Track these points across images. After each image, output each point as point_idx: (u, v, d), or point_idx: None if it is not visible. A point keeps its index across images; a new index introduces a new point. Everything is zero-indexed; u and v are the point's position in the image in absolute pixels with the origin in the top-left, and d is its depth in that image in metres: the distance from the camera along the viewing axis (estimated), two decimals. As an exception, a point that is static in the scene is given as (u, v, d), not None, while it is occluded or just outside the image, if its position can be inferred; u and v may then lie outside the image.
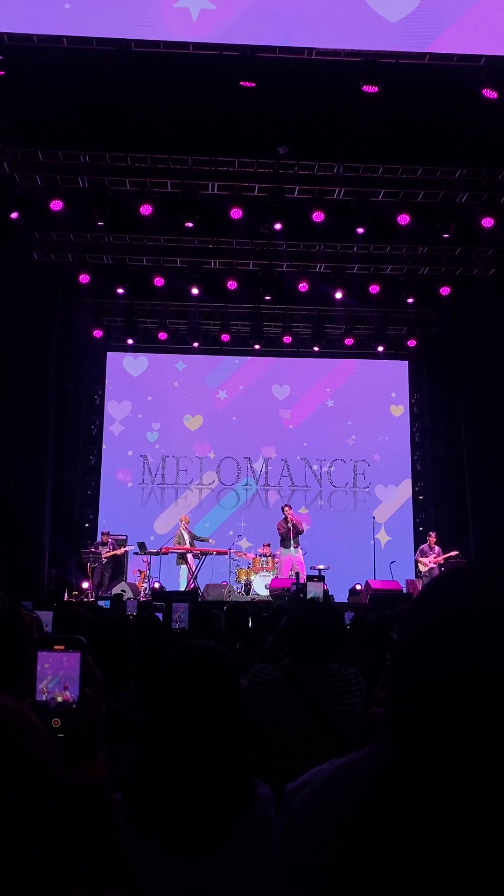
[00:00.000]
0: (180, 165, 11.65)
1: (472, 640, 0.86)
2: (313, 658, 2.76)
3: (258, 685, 2.76)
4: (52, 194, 11.54)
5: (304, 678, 2.71)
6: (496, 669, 0.84)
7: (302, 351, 16.10)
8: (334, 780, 1.02)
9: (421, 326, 15.96)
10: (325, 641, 2.80)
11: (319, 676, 2.72)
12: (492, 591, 0.90)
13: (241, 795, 1.66)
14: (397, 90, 9.38)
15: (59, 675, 1.31)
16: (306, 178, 11.87)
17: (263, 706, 2.71)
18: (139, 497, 15.92)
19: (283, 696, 2.68)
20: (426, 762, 0.87)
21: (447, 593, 0.94)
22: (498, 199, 11.87)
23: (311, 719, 2.64)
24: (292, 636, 2.85)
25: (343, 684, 2.71)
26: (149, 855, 1.53)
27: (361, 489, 16.07)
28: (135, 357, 16.35)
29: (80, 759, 1.28)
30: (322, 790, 1.02)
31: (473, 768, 0.83)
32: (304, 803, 1.04)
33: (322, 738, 2.62)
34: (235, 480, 16.02)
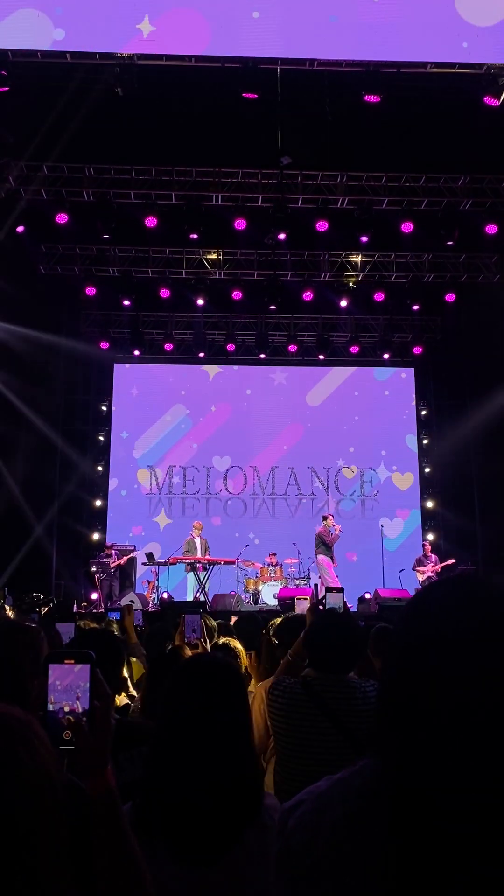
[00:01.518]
0: (184, 177, 11.73)
1: (452, 647, 0.87)
2: (332, 668, 2.76)
3: (276, 697, 2.76)
4: (57, 208, 11.62)
5: (322, 689, 2.71)
6: (469, 676, 0.85)
7: (307, 359, 16.13)
8: (328, 798, 1.02)
9: (426, 333, 15.97)
10: (344, 651, 2.80)
11: (339, 688, 2.71)
12: (474, 602, 0.92)
13: (249, 805, 1.66)
14: (399, 99, 9.43)
15: (69, 688, 1.33)
16: (310, 187, 11.93)
17: (282, 718, 2.71)
18: (147, 507, 15.93)
19: (301, 708, 2.68)
20: (408, 770, 0.88)
21: (431, 604, 0.95)
22: (502, 205, 11.90)
23: (330, 731, 2.63)
24: (311, 645, 2.85)
25: (363, 696, 2.71)
26: (157, 864, 1.53)
27: (369, 497, 16.04)
28: (139, 370, 16.40)
29: (90, 771, 1.29)
30: (317, 808, 1.03)
31: (454, 773, 0.83)
32: (299, 822, 1.04)
33: (341, 750, 2.62)
34: (242, 490, 16.02)
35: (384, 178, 11.77)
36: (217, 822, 1.59)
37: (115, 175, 11.66)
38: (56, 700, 1.33)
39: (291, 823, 1.05)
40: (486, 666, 0.85)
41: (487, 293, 13.90)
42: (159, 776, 1.64)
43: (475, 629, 0.88)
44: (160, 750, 1.69)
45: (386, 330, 15.49)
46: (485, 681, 0.84)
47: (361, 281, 14.10)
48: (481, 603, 0.91)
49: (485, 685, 0.84)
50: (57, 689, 1.33)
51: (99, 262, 13.82)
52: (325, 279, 14.09)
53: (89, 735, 1.30)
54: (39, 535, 13.28)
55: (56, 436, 14.47)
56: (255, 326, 15.61)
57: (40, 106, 9.64)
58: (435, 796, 0.85)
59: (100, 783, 1.29)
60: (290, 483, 16.05)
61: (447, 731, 0.84)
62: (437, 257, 13.63)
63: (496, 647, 0.86)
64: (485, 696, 0.83)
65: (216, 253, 13.67)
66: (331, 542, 12.84)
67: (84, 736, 1.29)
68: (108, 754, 1.32)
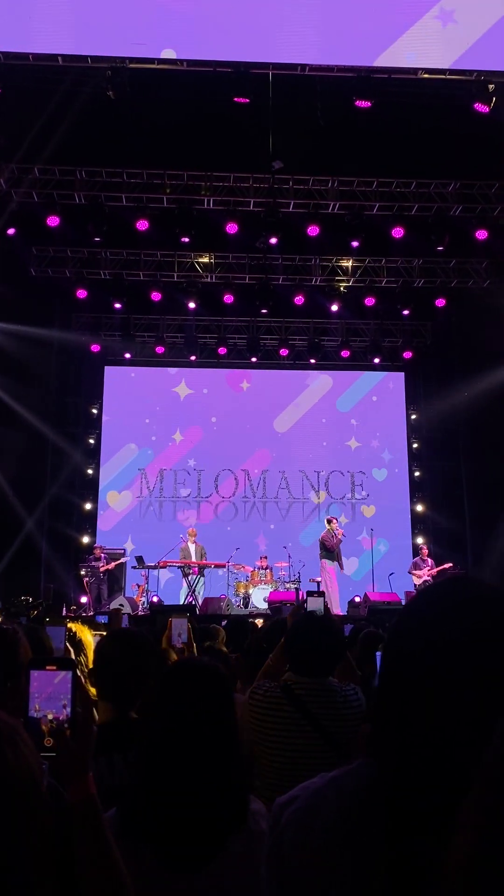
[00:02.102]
0: (176, 181, 11.74)
1: (447, 649, 0.88)
2: (312, 671, 2.76)
3: (257, 701, 2.76)
4: (48, 210, 11.60)
5: (302, 693, 2.71)
6: (465, 678, 0.86)
7: (298, 363, 16.16)
8: (322, 795, 1.03)
9: (417, 338, 16.02)
10: (323, 654, 2.80)
11: (319, 691, 2.72)
12: (468, 604, 0.93)
13: (236, 810, 1.66)
14: (390, 105, 9.47)
15: (51, 695, 1.33)
16: (301, 192, 11.96)
17: (262, 721, 2.71)
18: (137, 511, 15.91)
19: (281, 711, 2.68)
20: (405, 772, 0.88)
21: (426, 606, 0.96)
22: (492, 211, 11.96)
23: (311, 734, 2.63)
24: (291, 649, 2.85)
25: (343, 699, 2.71)
26: (144, 869, 1.53)
27: (360, 501, 16.07)
28: (131, 371, 16.39)
29: (72, 777, 1.29)
30: (311, 805, 1.03)
31: (451, 774, 0.84)
32: (293, 818, 1.05)
33: (321, 753, 2.62)
34: (233, 493, 16.02)
35: (375, 184, 11.81)
36: (203, 827, 1.59)
37: (106, 178, 11.65)
38: (37, 706, 1.33)
39: (284, 819, 1.06)
40: (482, 667, 0.85)
41: (477, 298, 13.97)
42: (146, 781, 1.64)
43: (470, 630, 0.89)
44: (147, 754, 1.69)
45: (376, 334, 15.53)
46: (481, 682, 0.85)
47: (352, 286, 14.14)
48: (476, 604, 0.92)
49: (481, 686, 0.84)
50: (38, 695, 1.33)
51: (90, 265, 13.81)
52: (316, 283, 14.13)
53: (71, 741, 1.30)
54: (29, 537, 13.22)
55: (47, 438, 14.43)
56: (246, 330, 15.63)
57: (32, 108, 9.63)
58: (432, 798, 0.85)
59: (81, 789, 1.29)
60: (282, 487, 16.06)
61: (443, 732, 0.85)
62: (428, 262, 13.69)
63: (492, 647, 0.87)
64: (481, 697, 0.84)
65: (208, 256, 13.69)
66: (332, 547, 12.83)
67: (65, 742, 1.30)
68: (89, 761, 1.32)
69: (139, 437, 16.18)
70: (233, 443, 16.10)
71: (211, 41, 9.42)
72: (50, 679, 1.34)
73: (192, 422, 16.26)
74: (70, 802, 1.29)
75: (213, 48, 9.40)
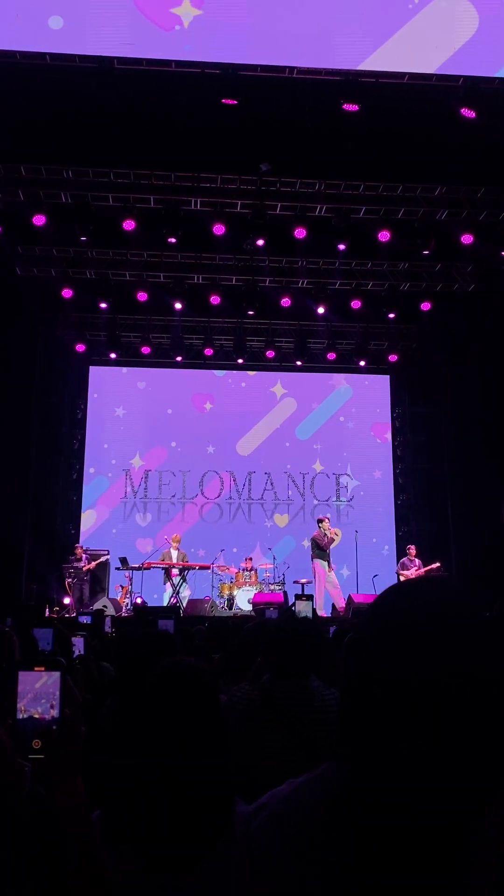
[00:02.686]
0: (163, 181, 11.71)
1: (416, 648, 0.88)
2: (290, 672, 2.74)
3: (234, 703, 2.75)
4: (34, 209, 11.54)
5: (281, 696, 2.69)
6: (433, 678, 0.85)
7: (285, 365, 16.17)
8: (291, 802, 1.03)
9: (402, 341, 16.08)
10: (300, 656, 2.78)
11: (297, 694, 2.70)
12: (437, 603, 0.92)
13: (222, 813, 1.65)
14: (377, 109, 9.51)
15: (39, 696, 1.31)
16: (288, 194, 11.97)
17: (239, 724, 2.69)
18: (122, 512, 15.86)
19: (258, 714, 2.66)
20: (372, 774, 0.88)
21: (394, 606, 0.96)
22: (477, 216, 12.03)
23: (288, 738, 2.62)
24: (267, 651, 2.84)
25: (322, 703, 2.70)
26: (128, 873, 1.52)
27: (344, 503, 16.11)
28: (116, 371, 16.34)
29: (60, 780, 1.27)
30: (279, 812, 1.03)
31: (420, 775, 0.84)
32: (262, 826, 1.05)
33: (297, 757, 2.60)
34: (218, 494, 16.01)
35: (362, 187, 11.85)
36: (189, 831, 1.59)
37: (93, 178, 11.60)
38: (26, 708, 1.31)
39: (254, 827, 1.06)
40: (451, 665, 0.85)
41: (462, 303, 14.05)
42: (131, 783, 1.63)
43: (439, 629, 0.88)
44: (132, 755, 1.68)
45: (362, 337, 15.58)
46: (449, 681, 0.84)
47: (338, 288, 14.18)
48: (445, 604, 0.92)
49: (449, 686, 0.84)
50: (27, 696, 1.32)
51: (76, 265, 13.75)
52: (302, 286, 14.15)
53: (59, 744, 1.29)
54: (12, 537, 13.13)
55: (31, 437, 14.35)
56: (233, 331, 15.62)
57: (19, 108, 9.57)
58: (401, 798, 0.85)
59: (69, 794, 1.27)
60: (267, 488, 16.07)
61: (411, 732, 0.85)
62: (414, 266, 13.75)
63: (461, 646, 0.86)
64: (448, 696, 0.84)
65: (194, 257, 13.66)
66: (325, 546, 12.86)
67: (53, 745, 1.28)
68: (78, 764, 1.30)
69: (124, 437, 16.13)
70: (218, 444, 16.10)
71: (199, 43, 9.41)
72: (38, 680, 1.32)
73: (178, 423, 16.23)
74: (57, 807, 1.28)
75: (202, 50, 9.40)
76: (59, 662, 1.34)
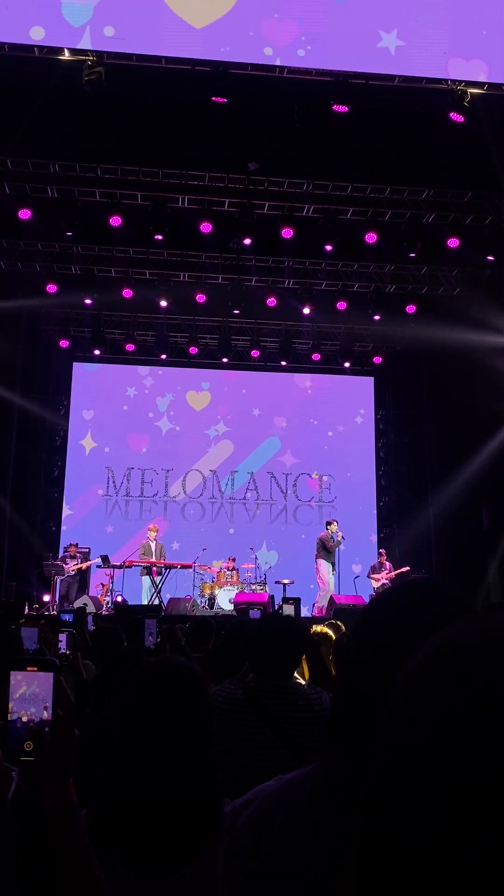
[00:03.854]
0: (150, 178, 11.66)
1: (407, 650, 0.88)
2: (270, 673, 2.74)
3: (218, 703, 2.74)
4: (20, 203, 11.45)
5: (264, 695, 2.69)
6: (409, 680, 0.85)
7: (270, 365, 16.17)
8: (279, 799, 1.03)
9: (387, 343, 16.15)
10: (282, 656, 2.78)
11: (280, 693, 2.70)
12: (428, 604, 0.94)
13: (210, 813, 1.64)
14: (367, 111, 9.53)
15: (31, 697, 1.28)
16: (276, 194, 11.96)
17: (222, 723, 2.68)
18: (103, 509, 15.77)
19: (241, 713, 2.66)
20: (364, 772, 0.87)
21: (386, 608, 0.97)
22: (464, 220, 12.10)
23: (271, 737, 2.62)
24: (249, 651, 2.83)
25: (305, 702, 2.70)
26: (115, 873, 1.50)
27: (326, 503, 16.14)
28: (95, 368, 16.26)
29: (51, 783, 1.24)
30: (266, 808, 1.03)
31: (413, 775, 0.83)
32: (249, 821, 1.04)
33: (280, 756, 2.60)
34: (201, 494, 15.97)
35: (350, 188, 11.87)
36: (176, 830, 1.57)
37: (80, 173, 11.53)
38: (17, 709, 1.28)
39: (241, 821, 1.05)
40: None
41: (447, 306, 14.12)
42: (117, 782, 1.61)
43: (430, 631, 0.88)
44: (119, 755, 1.66)
45: (347, 339, 15.63)
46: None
47: (324, 289, 14.20)
48: (436, 605, 0.93)
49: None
50: (18, 697, 1.28)
51: (61, 260, 13.65)
52: (288, 286, 14.15)
53: (50, 745, 1.25)
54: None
55: (11, 432, 14.23)
56: (218, 330, 15.59)
57: (6, 101, 9.49)
58: (391, 797, 0.84)
59: (60, 797, 1.24)
60: (250, 488, 16.06)
61: (402, 733, 0.84)
62: (400, 268, 13.80)
63: None
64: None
65: (181, 255, 13.62)
66: (332, 548, 12.93)
67: (44, 746, 1.25)
68: (70, 767, 1.27)
69: (106, 434, 16.05)
70: (201, 443, 16.08)
71: (190, 40, 9.38)
72: (31, 680, 1.28)
73: (161, 421, 16.18)
74: (48, 809, 1.25)
75: (193, 47, 9.37)
76: (53, 663, 1.31)
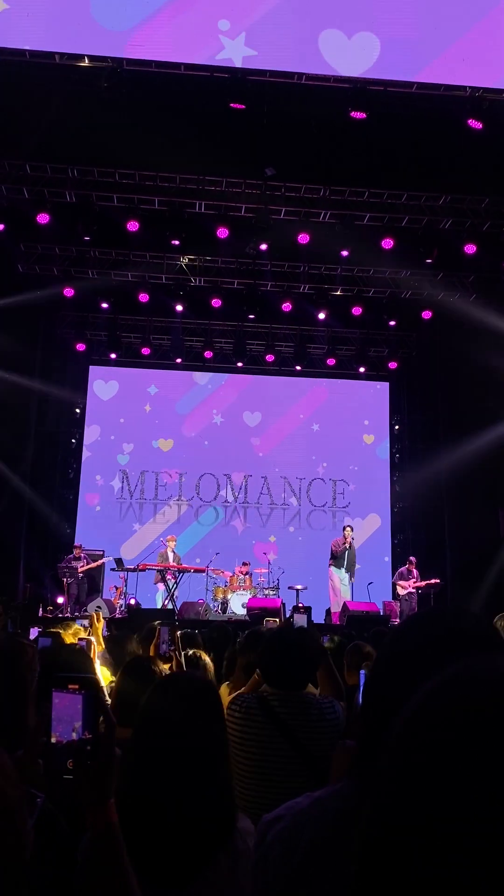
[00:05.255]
0: (168, 183, 11.71)
1: (427, 671, 0.90)
2: (285, 684, 2.76)
3: (233, 711, 2.76)
4: (38, 207, 11.53)
5: (278, 705, 2.70)
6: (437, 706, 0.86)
7: (284, 370, 16.18)
8: (306, 816, 1.04)
9: (402, 349, 16.11)
10: (296, 667, 2.80)
11: (294, 704, 2.71)
12: (448, 640, 0.94)
13: (222, 827, 1.64)
14: (385, 117, 9.53)
15: (73, 715, 1.28)
16: (293, 199, 11.98)
17: (237, 732, 2.70)
18: (117, 512, 15.83)
19: (255, 723, 2.67)
20: (387, 796, 0.89)
21: (413, 632, 0.98)
22: (481, 226, 12.06)
23: (284, 746, 2.63)
24: (264, 662, 2.85)
25: (318, 712, 2.71)
26: None
27: (340, 509, 16.10)
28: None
29: (92, 803, 1.24)
30: (295, 825, 1.04)
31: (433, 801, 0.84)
32: (278, 837, 1.05)
33: (295, 766, 2.61)
34: (214, 498, 15.99)
35: (366, 194, 11.86)
36: (189, 844, 1.57)
37: (98, 177, 11.60)
38: (59, 727, 1.28)
39: (270, 837, 1.06)
40: None
41: (463, 312, 14.06)
42: (130, 795, 1.62)
43: (458, 654, 0.89)
44: (132, 768, 1.67)
45: (362, 344, 15.60)
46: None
47: (340, 294, 14.19)
48: (457, 640, 0.94)
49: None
50: (60, 716, 1.28)
51: (78, 264, 13.74)
52: (304, 291, 14.15)
53: (94, 765, 1.25)
54: (8, 536, 13.09)
55: (28, 436, 14.32)
56: (233, 334, 15.61)
57: (25, 105, 9.57)
58: (392, 817, 0.85)
59: (101, 817, 1.24)
60: (263, 492, 16.06)
61: (408, 757, 0.85)
62: (416, 274, 13.76)
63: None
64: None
65: (197, 260, 13.67)
66: (339, 554, 12.90)
67: (85, 766, 1.24)
68: (111, 786, 1.26)
69: (122, 437, 16.11)
70: (216, 446, 16.09)
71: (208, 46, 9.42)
72: (72, 699, 1.28)
73: (175, 424, 16.22)
74: (89, 831, 1.23)
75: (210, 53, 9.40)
76: (94, 681, 1.31)
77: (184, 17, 9.36)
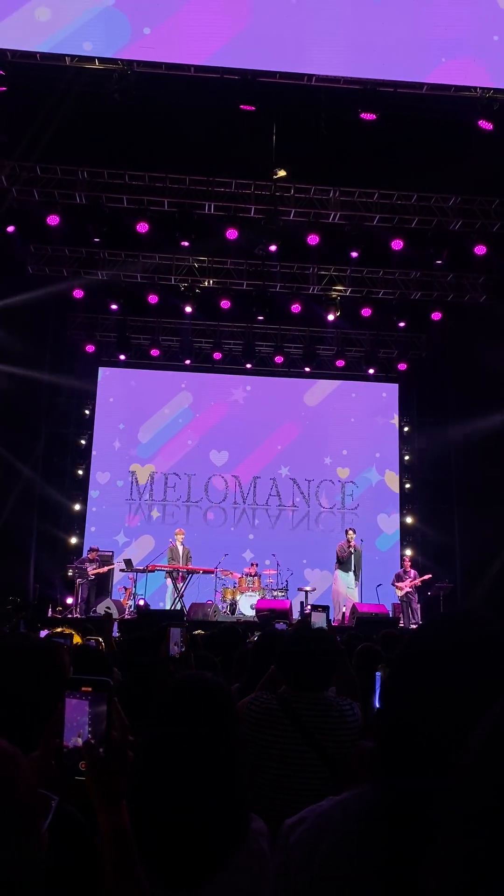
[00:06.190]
0: (177, 185, 11.74)
1: (446, 690, 0.89)
2: (305, 685, 2.75)
3: (251, 712, 2.75)
4: (48, 209, 11.58)
5: (298, 706, 2.69)
6: (469, 721, 0.86)
7: (293, 371, 16.17)
8: (328, 819, 1.04)
9: (411, 350, 16.07)
10: (316, 669, 2.79)
11: (315, 705, 2.71)
12: (469, 645, 0.95)
13: (235, 828, 1.64)
14: (395, 118, 9.52)
15: (86, 717, 1.28)
16: (302, 200, 11.99)
17: (256, 734, 2.69)
18: (126, 512, 15.85)
19: (276, 724, 2.67)
20: (405, 799, 0.89)
21: (432, 636, 0.98)
22: (491, 227, 12.03)
23: (304, 748, 2.62)
24: (285, 664, 2.84)
25: (339, 714, 2.70)
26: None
27: (349, 510, 16.07)
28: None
29: (104, 805, 1.24)
30: (317, 827, 1.05)
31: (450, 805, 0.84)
32: (300, 840, 1.06)
33: (314, 768, 2.60)
34: (223, 499, 15.99)
35: (376, 195, 11.85)
36: (202, 845, 1.57)
37: (108, 179, 11.64)
38: (72, 729, 1.28)
39: (293, 839, 1.07)
40: (483, 707, 0.86)
41: (473, 313, 14.04)
42: (142, 796, 1.61)
43: (471, 672, 0.90)
44: (144, 769, 1.67)
45: (372, 345, 15.58)
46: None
47: (349, 296, 14.18)
48: (478, 644, 0.95)
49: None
50: (74, 718, 1.28)
51: (88, 265, 13.78)
52: (313, 292, 14.15)
53: (106, 767, 1.25)
54: (18, 536, 13.14)
55: (38, 437, 14.37)
56: (242, 336, 15.62)
57: (36, 107, 9.61)
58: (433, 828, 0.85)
59: (113, 819, 1.24)
60: (272, 494, 16.05)
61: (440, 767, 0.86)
62: (425, 275, 13.75)
63: (492, 688, 0.87)
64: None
65: (206, 261, 13.69)
66: (344, 558, 12.89)
67: (98, 767, 1.25)
68: (123, 788, 1.27)
69: (131, 439, 16.13)
70: (224, 448, 16.09)
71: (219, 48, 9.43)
72: (86, 701, 1.29)
73: (185, 426, 16.23)
74: (101, 832, 1.24)
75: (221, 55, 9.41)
76: (107, 684, 1.31)
77: (194, 18, 9.37)
